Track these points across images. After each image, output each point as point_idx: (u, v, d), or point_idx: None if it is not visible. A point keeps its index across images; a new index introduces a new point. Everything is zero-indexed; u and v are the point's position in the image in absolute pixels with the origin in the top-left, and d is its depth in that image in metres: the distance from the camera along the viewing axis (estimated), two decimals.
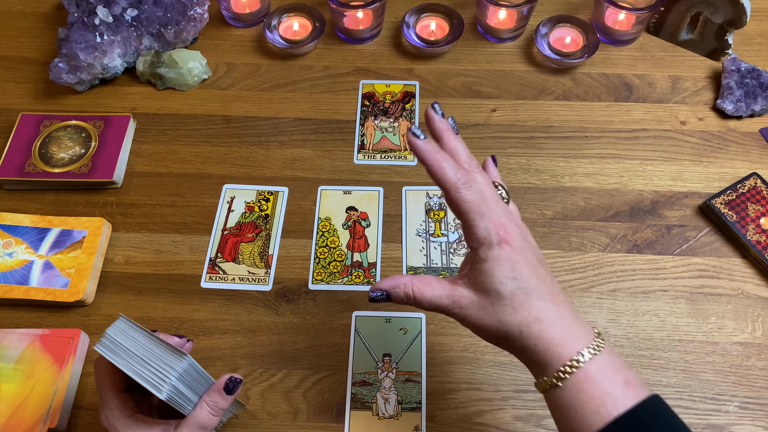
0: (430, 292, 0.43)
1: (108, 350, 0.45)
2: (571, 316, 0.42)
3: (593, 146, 0.73)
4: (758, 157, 0.72)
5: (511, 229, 0.42)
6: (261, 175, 0.72)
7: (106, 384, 0.47)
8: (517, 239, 0.42)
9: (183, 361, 0.45)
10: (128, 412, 0.46)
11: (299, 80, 0.80)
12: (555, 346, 0.40)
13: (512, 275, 0.41)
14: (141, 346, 0.45)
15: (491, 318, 0.42)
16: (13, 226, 0.67)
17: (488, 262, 0.41)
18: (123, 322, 0.46)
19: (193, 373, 0.46)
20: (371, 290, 0.45)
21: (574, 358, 0.39)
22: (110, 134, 0.73)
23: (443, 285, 0.44)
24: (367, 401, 0.58)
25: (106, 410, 0.46)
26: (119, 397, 0.47)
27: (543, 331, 0.40)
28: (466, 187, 0.42)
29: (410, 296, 0.44)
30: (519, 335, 0.41)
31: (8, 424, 0.55)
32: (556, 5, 0.86)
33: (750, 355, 0.60)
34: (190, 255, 0.67)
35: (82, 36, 0.74)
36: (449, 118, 0.47)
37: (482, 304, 0.42)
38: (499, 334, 0.42)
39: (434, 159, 0.42)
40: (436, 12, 0.82)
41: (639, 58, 0.80)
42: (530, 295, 0.41)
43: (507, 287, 0.41)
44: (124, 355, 0.45)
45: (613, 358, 0.40)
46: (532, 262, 0.42)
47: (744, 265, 0.65)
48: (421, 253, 0.66)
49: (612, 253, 0.66)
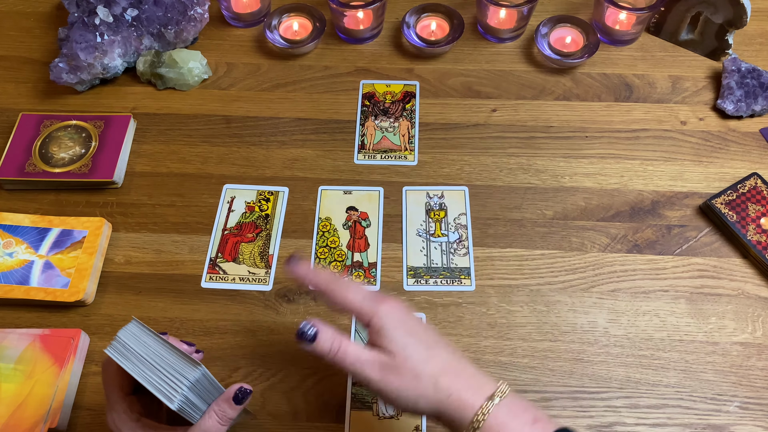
0: (353, 349, 0.45)
1: (119, 354, 0.44)
2: (473, 368, 0.45)
3: (593, 146, 0.73)
4: (758, 157, 0.72)
5: (389, 298, 0.47)
6: (261, 175, 0.72)
7: (114, 386, 0.47)
8: (396, 302, 0.47)
9: (196, 371, 0.44)
10: (135, 416, 0.46)
11: (299, 80, 0.80)
12: (466, 397, 0.43)
13: (410, 331, 0.45)
14: (153, 352, 0.44)
15: (403, 379, 0.44)
16: (13, 226, 0.67)
17: (383, 328, 0.45)
18: (135, 326, 0.45)
19: (204, 382, 0.45)
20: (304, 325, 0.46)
21: (484, 405, 0.42)
22: (110, 134, 0.73)
23: (364, 348, 0.45)
24: (368, 401, 0.58)
25: (113, 413, 0.46)
26: (126, 401, 0.46)
27: (451, 385, 0.43)
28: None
29: (335, 348, 0.45)
30: (433, 388, 0.43)
31: (8, 424, 0.55)
32: (557, 5, 0.86)
33: (750, 355, 0.60)
34: (190, 255, 0.67)
35: (82, 36, 0.74)
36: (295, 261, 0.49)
37: (392, 365, 0.44)
38: (414, 394, 0.44)
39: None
40: (437, 12, 0.82)
41: (639, 58, 0.80)
42: (433, 352, 0.45)
43: (410, 345, 0.44)
44: (135, 360, 0.44)
45: (518, 399, 0.44)
46: (419, 323, 0.47)
47: (744, 265, 0.65)
48: (421, 253, 0.66)
49: (612, 253, 0.66)
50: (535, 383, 0.59)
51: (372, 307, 0.46)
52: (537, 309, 0.63)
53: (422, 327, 0.46)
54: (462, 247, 0.66)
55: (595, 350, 0.60)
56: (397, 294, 0.64)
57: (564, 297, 0.63)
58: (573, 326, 0.62)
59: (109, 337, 0.61)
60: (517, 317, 0.62)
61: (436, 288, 0.64)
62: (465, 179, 0.71)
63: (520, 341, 0.61)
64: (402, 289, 0.64)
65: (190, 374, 0.44)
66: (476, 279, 0.65)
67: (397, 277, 0.65)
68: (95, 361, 0.61)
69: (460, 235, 0.67)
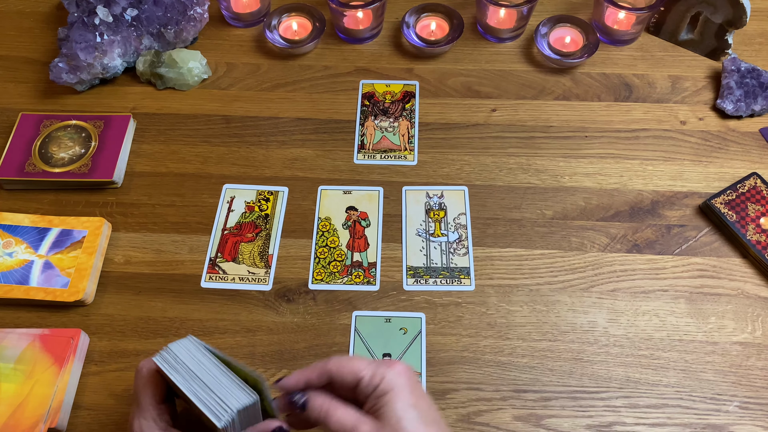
0: (341, 411, 0.44)
1: (168, 365, 0.44)
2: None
3: (593, 146, 0.73)
4: (758, 157, 0.72)
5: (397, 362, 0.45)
6: (261, 175, 0.72)
7: (148, 392, 0.46)
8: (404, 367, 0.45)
9: (250, 398, 0.44)
10: (163, 425, 0.46)
11: (299, 80, 0.80)
12: None
13: (413, 404, 0.43)
14: (206, 371, 0.44)
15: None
16: (13, 225, 0.67)
17: (387, 393, 0.43)
18: (190, 342, 0.45)
19: (252, 410, 0.45)
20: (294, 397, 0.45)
21: None
22: (110, 134, 0.73)
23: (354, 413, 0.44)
24: None
25: (141, 419, 0.46)
26: (157, 408, 0.46)
27: None
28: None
29: (323, 411, 0.44)
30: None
31: (8, 424, 0.55)
32: (556, 5, 0.86)
33: (750, 355, 0.60)
34: (190, 255, 0.67)
35: (82, 36, 0.74)
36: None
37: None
38: None
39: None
40: (436, 12, 0.82)
41: (639, 58, 0.80)
42: (429, 426, 0.43)
43: (409, 418, 0.43)
44: (184, 373, 0.44)
45: None
46: (424, 396, 0.45)
47: (744, 265, 0.65)
48: (421, 252, 0.66)
49: (612, 253, 0.66)
50: (535, 383, 0.59)
51: (382, 371, 0.44)
52: (536, 309, 0.63)
53: (426, 401, 0.45)
54: (462, 247, 0.67)
55: (595, 350, 0.60)
56: (398, 293, 0.64)
57: (563, 297, 0.63)
58: (572, 326, 0.62)
59: (109, 337, 0.62)
60: (517, 317, 0.62)
61: (435, 288, 0.64)
62: (465, 179, 0.71)
63: (519, 341, 0.61)
64: (402, 288, 0.64)
65: (242, 399, 0.43)
66: (476, 279, 0.65)
67: (396, 277, 0.65)
68: (95, 361, 0.61)
69: (459, 235, 0.67)
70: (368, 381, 0.44)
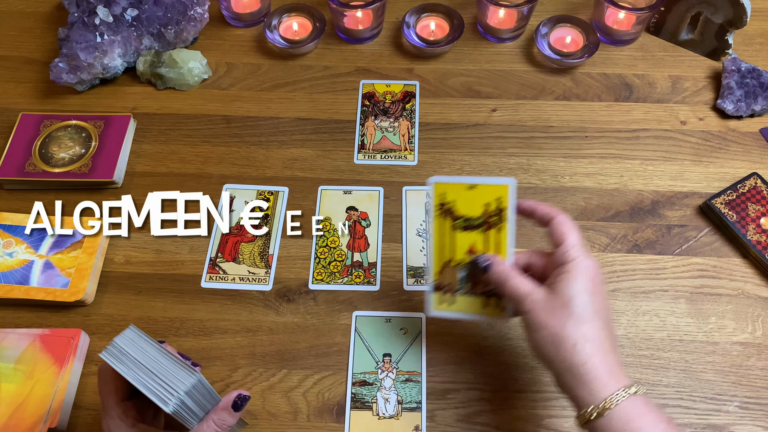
0: (519, 279, 0.48)
1: (114, 358, 0.45)
2: (619, 358, 0.45)
3: (593, 146, 0.73)
4: (758, 157, 0.72)
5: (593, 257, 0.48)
6: (261, 175, 0.72)
7: (109, 391, 0.47)
8: (597, 264, 0.48)
9: (192, 377, 0.44)
10: (130, 421, 0.46)
11: (299, 80, 0.80)
12: (603, 373, 0.43)
13: (591, 291, 0.45)
14: (150, 357, 0.45)
15: (555, 321, 0.44)
16: (13, 226, 0.67)
17: (573, 271, 0.46)
18: (133, 332, 0.46)
19: (201, 389, 0.45)
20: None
21: (620, 391, 0.42)
22: (110, 134, 0.73)
23: (527, 278, 0.48)
24: (367, 401, 0.58)
25: (108, 418, 0.46)
26: (121, 406, 0.47)
27: (594, 355, 0.43)
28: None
29: (503, 275, 0.48)
30: (572, 348, 0.43)
31: (8, 424, 0.55)
32: (556, 5, 0.86)
33: (750, 355, 0.60)
34: (190, 255, 0.67)
35: (82, 36, 0.74)
36: None
37: (553, 305, 0.45)
38: (555, 339, 0.44)
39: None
40: (436, 12, 0.82)
41: (639, 58, 0.80)
42: (595, 320, 0.44)
43: (582, 299, 0.45)
44: (130, 364, 0.44)
45: (651, 400, 0.43)
46: (603, 294, 0.47)
47: (744, 265, 0.65)
48: (421, 253, 0.66)
49: (612, 253, 0.66)
50: (535, 383, 0.59)
51: (581, 252, 0.47)
52: None
53: (601, 298, 0.46)
54: None
55: None
56: (398, 293, 0.64)
57: None
58: None
59: (109, 337, 0.61)
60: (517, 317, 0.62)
61: None
62: None
63: (520, 341, 0.61)
64: (402, 288, 0.64)
65: (187, 380, 0.44)
66: None
67: (397, 277, 0.65)
68: (95, 361, 0.61)
69: None
70: (566, 249, 0.47)
